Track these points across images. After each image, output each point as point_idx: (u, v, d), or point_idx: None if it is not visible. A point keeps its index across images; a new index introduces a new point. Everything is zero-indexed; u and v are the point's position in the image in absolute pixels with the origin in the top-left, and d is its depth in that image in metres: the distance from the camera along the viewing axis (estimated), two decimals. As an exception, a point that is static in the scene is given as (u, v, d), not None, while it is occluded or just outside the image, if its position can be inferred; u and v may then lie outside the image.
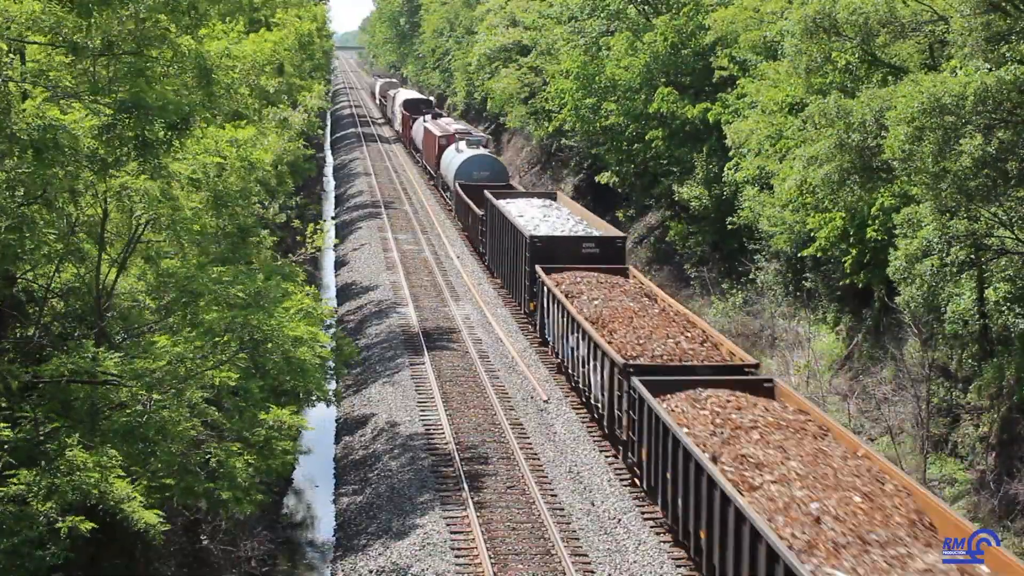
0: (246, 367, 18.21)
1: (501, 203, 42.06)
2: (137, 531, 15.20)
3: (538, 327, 34.19)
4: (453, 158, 56.52)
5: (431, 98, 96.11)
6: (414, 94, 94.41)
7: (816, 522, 16.42)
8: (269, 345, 18.09)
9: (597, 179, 50.83)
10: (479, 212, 46.27)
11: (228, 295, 18.02)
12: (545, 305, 32.48)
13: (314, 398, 23.17)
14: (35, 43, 15.91)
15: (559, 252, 34.63)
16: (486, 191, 44.90)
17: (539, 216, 40.05)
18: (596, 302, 29.33)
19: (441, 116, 75.39)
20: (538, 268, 33.39)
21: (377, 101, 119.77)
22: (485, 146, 59.83)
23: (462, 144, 57.49)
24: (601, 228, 38.25)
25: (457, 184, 53.22)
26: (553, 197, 45.53)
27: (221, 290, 17.96)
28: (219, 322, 17.80)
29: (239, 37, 29.36)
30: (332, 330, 29.64)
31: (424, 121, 71.99)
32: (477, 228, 47.28)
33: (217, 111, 20.62)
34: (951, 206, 22.38)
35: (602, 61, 46.94)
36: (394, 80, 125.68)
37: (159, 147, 16.10)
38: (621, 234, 37.01)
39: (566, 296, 30.24)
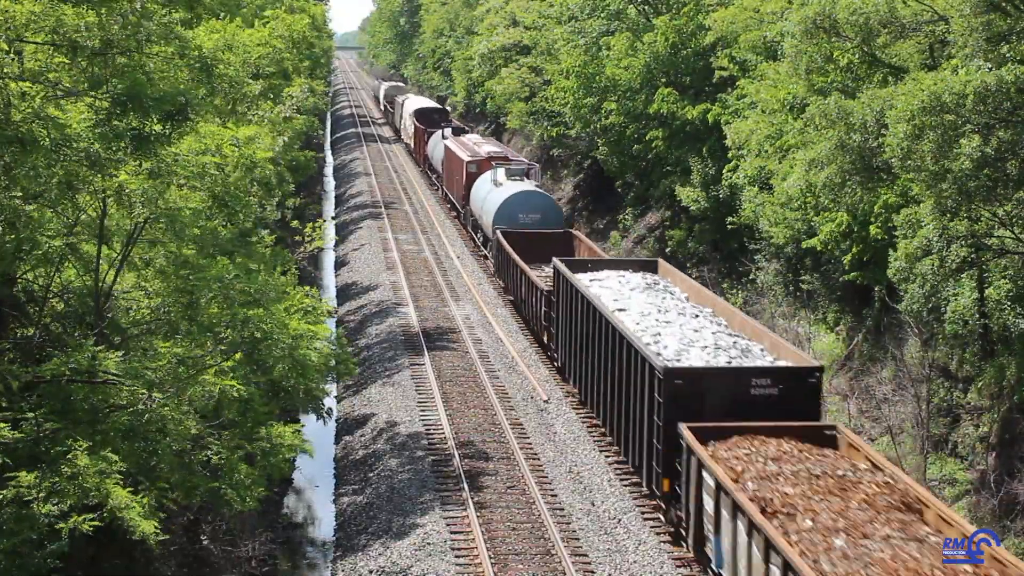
0: (248, 372, 18.19)
1: (582, 280, 28.78)
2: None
3: (690, 535, 20.12)
4: (489, 194, 44.20)
5: (447, 107, 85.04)
6: (426, 102, 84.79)
7: None
8: (269, 342, 18.08)
9: (603, 167, 50.54)
10: (542, 286, 33.01)
11: (230, 293, 18.01)
12: (710, 509, 18.59)
13: (312, 404, 23.23)
14: (35, 43, 15.88)
15: (711, 391, 21.00)
16: (556, 261, 30.94)
17: (652, 310, 25.93)
18: (840, 542, 15.66)
19: (464, 131, 62.35)
20: (685, 431, 19.80)
21: (382, 106, 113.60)
22: (528, 175, 46.11)
23: (500, 174, 44.77)
24: (755, 336, 24.11)
25: (498, 232, 40.35)
26: (654, 269, 30.98)
27: (222, 288, 17.96)
28: (220, 319, 17.79)
29: (239, 27, 29.36)
30: (335, 333, 29.57)
31: (444, 139, 58.68)
32: (540, 309, 33.00)
33: (217, 108, 20.53)
34: (951, 206, 22.38)
35: (602, 61, 46.94)
36: (400, 84, 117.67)
37: (156, 142, 15.98)
38: (813, 361, 22.42)
39: (763, 509, 16.90)
